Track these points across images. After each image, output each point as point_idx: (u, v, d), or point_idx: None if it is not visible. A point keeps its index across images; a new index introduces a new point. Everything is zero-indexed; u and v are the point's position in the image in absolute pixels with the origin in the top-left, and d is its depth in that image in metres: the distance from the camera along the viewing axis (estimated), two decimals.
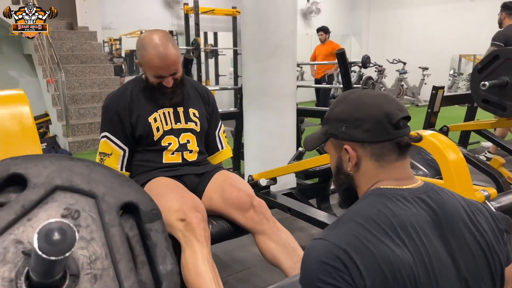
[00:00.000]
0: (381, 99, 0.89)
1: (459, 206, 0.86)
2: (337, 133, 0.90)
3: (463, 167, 1.49)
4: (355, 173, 0.90)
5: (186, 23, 8.36)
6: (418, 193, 0.85)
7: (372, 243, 0.76)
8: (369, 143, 0.86)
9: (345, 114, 0.89)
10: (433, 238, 0.80)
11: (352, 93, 0.93)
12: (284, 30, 2.94)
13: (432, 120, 3.16)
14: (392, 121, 0.85)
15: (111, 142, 1.67)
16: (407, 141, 0.86)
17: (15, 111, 1.08)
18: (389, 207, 0.81)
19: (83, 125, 5.80)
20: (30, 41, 6.46)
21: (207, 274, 1.36)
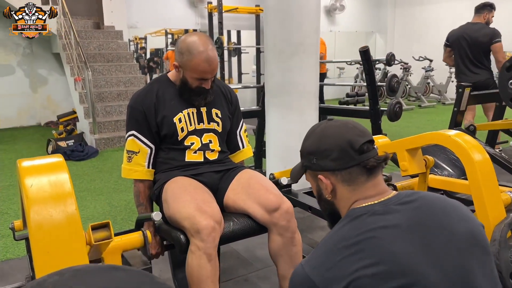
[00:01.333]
0: (342, 128, 0.97)
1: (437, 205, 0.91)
2: (310, 165, 1.00)
3: (488, 168, 1.46)
4: (334, 199, 0.99)
5: (209, 22, 8.42)
6: (390, 203, 0.91)
7: (337, 267, 0.83)
8: (339, 171, 0.95)
9: (314, 147, 0.99)
10: (408, 245, 0.83)
11: (318, 126, 1.03)
12: (307, 28, 2.93)
13: (458, 119, 3.10)
14: (355, 147, 0.93)
15: (138, 140, 1.71)
16: (372, 163, 0.94)
17: (55, 178, 1.10)
18: (355, 226, 0.88)
19: (109, 122, 5.92)
20: (58, 40, 6.65)
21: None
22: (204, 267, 1.41)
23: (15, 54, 7.27)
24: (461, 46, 4.21)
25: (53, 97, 7.67)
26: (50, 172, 1.11)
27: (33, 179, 1.08)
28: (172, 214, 1.53)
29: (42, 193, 1.06)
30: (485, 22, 4.20)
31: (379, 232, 0.84)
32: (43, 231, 1.02)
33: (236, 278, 2.24)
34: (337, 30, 10.81)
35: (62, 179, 1.10)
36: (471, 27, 4.21)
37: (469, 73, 4.18)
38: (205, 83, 1.67)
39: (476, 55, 4.16)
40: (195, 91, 1.68)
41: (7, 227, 3.01)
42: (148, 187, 1.74)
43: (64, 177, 1.11)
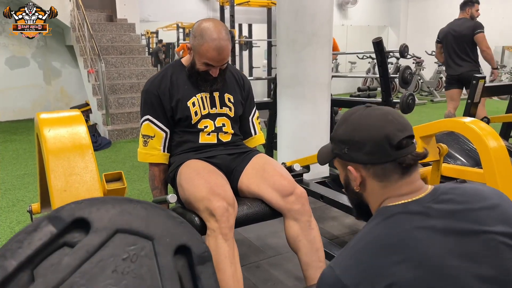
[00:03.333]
0: (381, 120, 0.88)
1: (480, 193, 0.86)
2: (341, 154, 0.93)
3: (503, 155, 1.45)
4: (363, 191, 0.93)
5: (221, 15, 8.43)
6: (425, 202, 0.84)
7: (373, 268, 0.77)
8: (371, 165, 0.88)
9: (347, 136, 0.91)
10: (441, 243, 0.78)
11: (354, 113, 0.94)
12: (320, 18, 2.93)
13: (472, 111, 3.07)
14: (392, 143, 0.85)
15: (154, 124, 1.73)
16: (409, 161, 0.86)
17: (73, 131, 1.15)
18: (390, 227, 0.82)
19: (122, 114, 5.98)
20: (72, 32, 6.72)
21: (227, 270, 1.42)
22: (221, 247, 1.42)
23: (29, 47, 7.36)
24: (448, 41, 4.50)
25: (67, 89, 7.76)
26: (68, 124, 1.15)
27: (52, 129, 1.13)
28: (187, 197, 1.55)
29: (61, 143, 1.10)
30: (469, 16, 4.46)
31: (415, 234, 0.79)
32: (61, 175, 1.07)
33: (248, 265, 2.26)
34: (349, 24, 10.74)
35: (80, 131, 1.13)
36: (456, 23, 4.53)
37: (454, 66, 4.48)
38: (213, 71, 1.67)
39: (461, 48, 4.43)
40: (202, 76, 1.69)
41: (23, 214, 3.08)
42: (163, 171, 1.77)
43: (82, 129, 1.14)
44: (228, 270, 1.42)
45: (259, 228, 2.42)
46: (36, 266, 0.82)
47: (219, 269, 1.41)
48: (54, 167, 1.10)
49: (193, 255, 0.93)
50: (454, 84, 4.50)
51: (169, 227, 0.93)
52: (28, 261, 0.81)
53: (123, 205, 0.91)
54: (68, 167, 1.11)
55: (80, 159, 1.13)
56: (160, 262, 0.87)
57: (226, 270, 1.42)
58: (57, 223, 0.85)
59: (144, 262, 0.86)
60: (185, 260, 0.94)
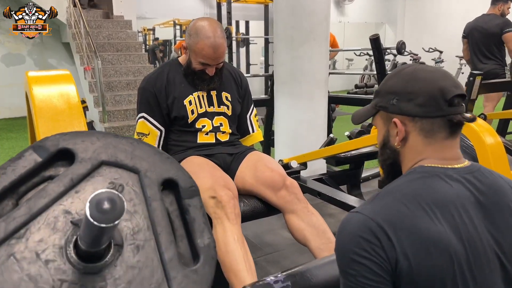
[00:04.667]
0: (438, 74, 0.86)
1: (507, 189, 0.85)
2: (388, 105, 0.88)
3: (500, 152, 1.46)
4: (402, 148, 0.89)
5: (218, 12, 8.41)
6: (464, 173, 0.83)
7: (407, 217, 0.76)
8: (420, 118, 0.84)
9: (398, 87, 0.87)
10: (476, 218, 0.79)
11: (408, 67, 0.90)
12: (317, 15, 2.93)
13: (469, 108, 3.07)
14: (446, 97, 0.82)
15: (149, 122, 1.73)
16: (459, 119, 0.83)
17: (63, 90, 1.12)
18: (429, 185, 0.80)
19: (119, 111, 5.96)
20: (68, 29, 6.68)
21: (237, 252, 1.38)
22: (228, 229, 1.41)
23: (25, 44, 7.32)
24: (473, 38, 4.26)
25: None
26: (58, 83, 1.14)
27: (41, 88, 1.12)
28: None
29: (50, 103, 1.09)
30: (500, 13, 4.20)
31: (456, 200, 0.79)
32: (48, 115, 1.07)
33: None
34: (346, 21, 10.74)
35: (69, 90, 1.12)
36: (484, 19, 4.24)
37: (478, 63, 4.24)
38: (209, 69, 1.67)
39: (487, 46, 4.19)
40: (198, 75, 1.69)
41: None
42: None
43: (71, 88, 1.13)
44: (238, 251, 1.38)
45: (256, 225, 2.42)
46: (21, 197, 0.81)
47: (228, 251, 1.37)
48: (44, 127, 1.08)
49: (180, 189, 0.92)
50: None
51: (156, 161, 0.92)
52: (12, 189, 0.80)
53: (109, 139, 0.89)
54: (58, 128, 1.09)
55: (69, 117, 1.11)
56: (147, 193, 0.86)
57: (236, 251, 1.37)
58: (42, 152, 0.83)
59: (130, 192, 0.85)
60: (172, 195, 0.93)
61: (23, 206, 0.77)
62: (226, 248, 1.38)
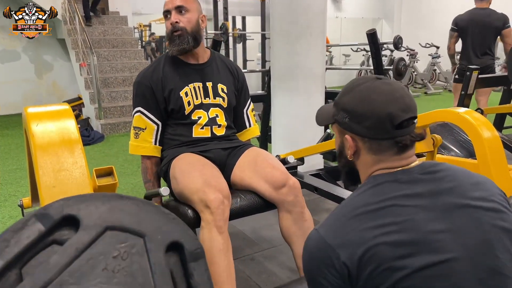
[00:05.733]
0: (388, 96, 0.87)
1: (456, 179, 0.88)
2: (341, 121, 0.93)
3: (497, 145, 1.45)
4: (355, 160, 0.94)
5: (214, 8, 8.35)
6: (413, 173, 0.87)
7: (356, 232, 0.80)
8: (369, 139, 0.89)
9: (351, 106, 0.91)
10: (425, 213, 0.81)
11: (363, 83, 0.92)
12: (313, 10, 2.91)
13: (465, 102, 3.07)
14: (394, 123, 0.85)
15: (145, 117, 1.71)
16: (406, 141, 0.87)
17: (62, 125, 1.10)
18: (378, 193, 0.85)
19: (115, 108, 5.93)
20: (63, 25, 6.63)
21: (221, 263, 1.42)
22: (215, 239, 1.41)
23: (20, 40, 7.26)
24: (472, 32, 4.14)
25: (59, 83, 7.68)
26: (56, 119, 1.12)
27: (40, 124, 1.09)
28: (181, 189, 1.54)
29: (49, 138, 1.07)
30: (489, 6, 4.16)
31: (401, 200, 0.82)
32: (49, 172, 1.03)
33: (242, 258, 2.26)
34: (343, 16, 10.71)
35: (68, 125, 1.10)
36: (481, 13, 4.14)
37: (473, 57, 4.15)
38: (170, 17, 1.68)
39: (486, 40, 4.13)
40: (170, 37, 1.70)
41: (15, 209, 3.05)
42: (155, 163, 1.75)
43: (71, 123, 1.11)
44: (221, 264, 1.42)
45: (253, 220, 2.41)
46: (24, 265, 0.80)
47: (213, 262, 1.40)
48: (43, 163, 1.07)
49: (186, 251, 0.91)
50: None
51: (161, 223, 0.91)
52: (15, 260, 0.79)
53: (113, 202, 0.89)
54: (57, 163, 1.08)
55: (69, 155, 1.10)
56: (152, 259, 0.86)
57: (220, 263, 1.42)
58: (45, 220, 0.83)
59: (135, 259, 0.85)
60: (177, 257, 0.92)
61: (27, 281, 0.76)
62: (211, 258, 1.40)
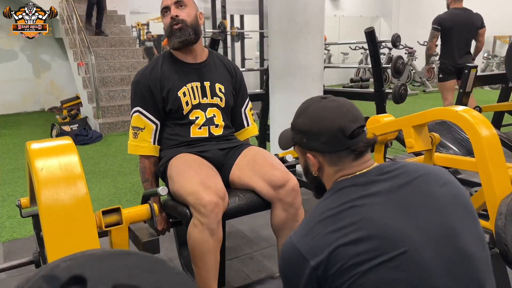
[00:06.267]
0: (336, 112, 0.98)
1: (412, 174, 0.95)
2: (300, 143, 1.03)
3: (495, 143, 1.45)
4: (320, 175, 1.04)
5: (212, 6, 8.34)
6: (371, 175, 0.96)
7: (320, 236, 0.87)
8: (328, 153, 0.99)
9: (306, 127, 1.01)
10: (383, 208, 0.88)
11: (311, 104, 1.03)
12: (312, 8, 2.90)
13: (464, 100, 3.08)
14: (345, 134, 0.95)
15: (144, 116, 1.71)
16: (361, 148, 0.97)
17: (65, 161, 1.08)
18: (339, 198, 0.93)
19: (113, 107, 5.92)
20: (61, 24, 6.61)
21: (210, 263, 1.47)
22: (206, 241, 1.42)
23: (18, 40, 7.24)
24: (457, 32, 4.24)
25: (57, 82, 7.66)
26: (60, 155, 1.10)
27: (43, 162, 1.07)
28: (177, 189, 1.53)
29: (52, 176, 1.04)
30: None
31: (359, 201, 0.89)
32: (54, 214, 1.01)
33: (241, 256, 2.26)
34: (341, 14, 10.70)
35: (72, 161, 1.08)
36: (463, 13, 4.29)
37: (457, 56, 4.27)
38: (170, 12, 1.68)
39: (468, 40, 4.31)
40: (170, 31, 1.69)
41: (13, 208, 3.04)
42: (154, 163, 1.74)
43: (74, 159, 1.09)
44: (209, 262, 1.46)
45: (252, 219, 2.41)
46: None
47: (201, 260, 1.45)
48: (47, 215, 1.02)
49: None
50: (452, 75, 4.29)
51: (174, 284, 0.90)
52: None
53: (121, 259, 0.88)
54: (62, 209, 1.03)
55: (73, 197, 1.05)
56: None
57: (208, 262, 1.46)
58: (53, 282, 0.81)
59: None
60: None
61: None
62: (200, 256, 1.45)
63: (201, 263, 1.46)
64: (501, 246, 1.31)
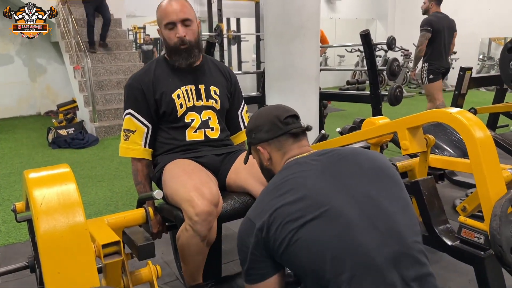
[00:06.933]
0: (272, 108, 1.26)
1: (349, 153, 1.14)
2: (251, 140, 1.26)
3: (489, 145, 1.45)
4: (271, 166, 1.24)
5: (209, 9, 8.35)
6: (311, 156, 1.15)
7: (266, 203, 1.05)
8: (271, 139, 1.21)
9: (252, 125, 1.27)
10: (320, 179, 1.05)
11: (257, 111, 1.30)
12: (307, 10, 2.91)
13: (459, 102, 3.09)
14: (281, 119, 1.20)
15: (135, 119, 1.70)
16: (295, 130, 1.20)
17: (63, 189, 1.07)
18: (282, 173, 1.12)
19: (109, 110, 5.91)
20: (57, 28, 6.60)
21: (199, 263, 1.53)
22: (196, 245, 1.44)
23: (14, 43, 7.23)
24: (444, 34, 4.50)
25: (53, 86, 7.64)
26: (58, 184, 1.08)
27: (41, 192, 1.05)
28: (170, 195, 1.53)
29: (50, 207, 1.03)
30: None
31: (297, 174, 1.08)
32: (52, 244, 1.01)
33: (237, 260, 2.24)
34: (337, 17, 10.73)
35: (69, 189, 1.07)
36: (445, 17, 4.57)
37: (445, 58, 4.59)
38: (177, 30, 1.64)
39: (449, 43, 4.60)
40: (175, 50, 1.67)
41: (9, 213, 3.02)
42: (146, 165, 1.74)
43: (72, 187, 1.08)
44: (197, 261, 1.52)
45: None
46: None
47: (189, 259, 1.50)
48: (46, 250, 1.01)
49: None
50: (439, 75, 4.55)
51: None
52: None
53: None
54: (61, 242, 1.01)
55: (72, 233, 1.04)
56: None
57: (196, 261, 1.52)
58: None
59: None
60: None
61: None
62: (188, 256, 1.50)
63: (190, 262, 1.53)
64: (496, 248, 1.32)
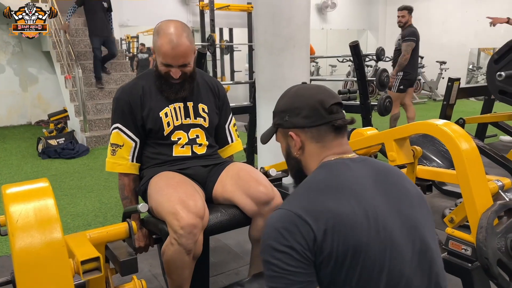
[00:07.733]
0: (315, 90, 1.05)
1: (394, 169, 1.06)
2: (283, 122, 1.07)
3: (475, 157, 1.46)
4: (301, 156, 1.06)
5: (201, 19, 8.37)
6: (357, 160, 1.02)
7: (318, 202, 0.90)
8: (309, 128, 1.02)
9: (287, 105, 1.06)
10: (375, 192, 0.95)
11: (292, 88, 1.09)
12: (296, 22, 2.93)
13: (448, 112, 3.11)
14: (325, 107, 1.01)
15: (123, 133, 1.68)
16: (340, 123, 1.02)
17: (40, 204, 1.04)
18: (332, 173, 0.98)
19: (100, 120, 5.88)
20: (48, 38, 6.59)
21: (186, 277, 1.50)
22: (182, 259, 1.42)
23: (5, 53, 7.20)
24: (418, 46, 4.83)
25: (44, 95, 7.60)
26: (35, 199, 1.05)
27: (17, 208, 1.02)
28: (155, 208, 1.51)
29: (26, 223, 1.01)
30: None
31: (352, 180, 0.95)
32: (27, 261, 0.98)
33: (227, 272, 2.23)
34: (328, 28, 10.83)
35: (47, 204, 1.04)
36: (415, 28, 4.84)
37: (416, 71, 4.97)
38: (173, 71, 1.61)
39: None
40: (165, 80, 1.64)
41: None
42: (133, 180, 1.72)
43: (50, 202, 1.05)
44: (184, 275, 1.48)
45: (238, 234, 2.38)
46: None
47: (175, 274, 1.47)
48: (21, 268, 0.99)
49: None
50: (407, 88, 4.93)
51: None
52: None
53: None
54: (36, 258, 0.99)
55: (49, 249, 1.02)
56: None
57: (182, 275, 1.48)
58: None
59: None
60: None
61: None
62: (175, 270, 1.46)
63: (176, 276, 1.48)
64: (483, 260, 1.31)
